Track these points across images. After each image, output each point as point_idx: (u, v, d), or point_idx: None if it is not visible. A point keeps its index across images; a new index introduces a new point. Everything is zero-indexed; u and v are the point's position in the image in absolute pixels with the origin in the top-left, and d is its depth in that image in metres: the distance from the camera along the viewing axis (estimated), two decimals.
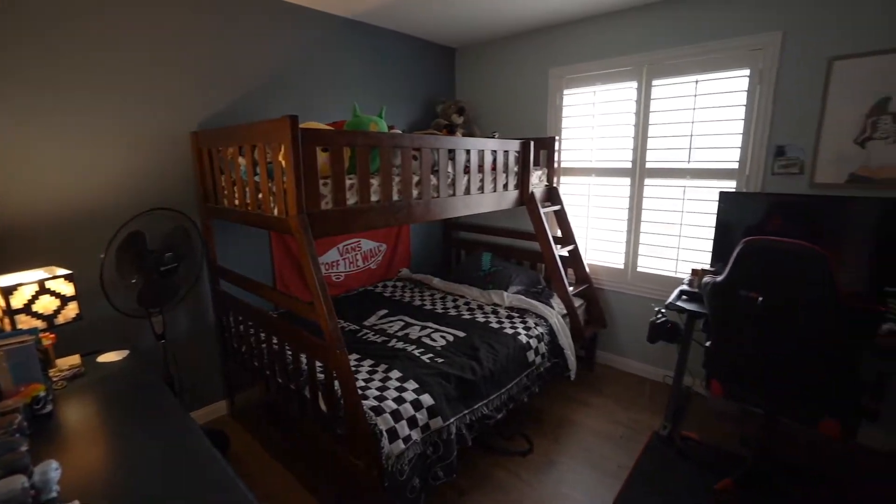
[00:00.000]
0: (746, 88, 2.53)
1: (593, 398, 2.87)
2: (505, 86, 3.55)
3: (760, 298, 1.64)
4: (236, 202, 2.09)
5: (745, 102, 2.54)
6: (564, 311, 2.87)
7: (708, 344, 1.96)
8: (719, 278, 1.77)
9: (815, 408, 1.71)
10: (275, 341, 2.12)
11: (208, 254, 2.45)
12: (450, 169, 2.38)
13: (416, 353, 2.24)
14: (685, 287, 2.50)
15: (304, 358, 2.04)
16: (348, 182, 1.90)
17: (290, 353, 2.06)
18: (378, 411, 1.74)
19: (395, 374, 2.00)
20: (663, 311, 2.39)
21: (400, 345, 2.35)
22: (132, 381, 1.63)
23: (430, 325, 2.63)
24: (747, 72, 2.51)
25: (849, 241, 2.14)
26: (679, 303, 2.31)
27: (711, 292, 1.81)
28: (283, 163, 1.68)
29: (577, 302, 3.01)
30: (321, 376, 1.88)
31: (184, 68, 2.30)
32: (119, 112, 2.13)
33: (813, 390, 1.69)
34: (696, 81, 2.67)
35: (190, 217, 2.32)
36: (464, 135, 3.30)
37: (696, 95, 2.68)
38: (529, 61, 3.37)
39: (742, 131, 2.56)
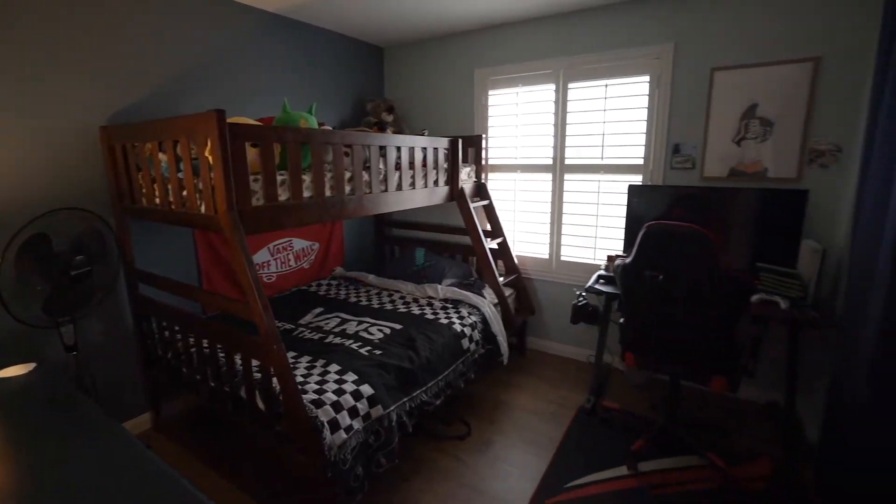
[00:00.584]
0: (647, 93, 2.83)
1: (525, 380, 3.06)
2: (433, 85, 3.65)
3: (661, 276, 1.87)
4: (157, 200, 2.00)
5: (646, 105, 2.84)
6: (496, 301, 3.03)
7: (621, 321, 2.20)
8: (627, 261, 2.00)
9: (707, 368, 1.98)
10: (205, 343, 2.05)
11: (124, 256, 2.30)
12: (381, 165, 2.43)
13: (354, 346, 2.27)
14: (602, 272, 2.75)
15: (238, 358, 1.99)
16: (279, 178, 1.89)
17: (222, 354, 2.00)
18: (318, 404, 1.76)
19: (334, 367, 2.02)
20: (583, 294, 2.62)
21: (337, 340, 2.37)
22: (43, 396, 1.51)
23: (367, 319, 2.67)
24: (647, 78, 2.82)
25: (732, 226, 2.50)
26: (597, 286, 2.54)
27: (622, 274, 2.03)
28: (211, 158, 1.64)
29: (508, 291, 3.19)
30: (258, 375, 1.86)
31: (89, 58, 2.14)
32: (15, 104, 1.93)
33: (704, 354, 1.97)
34: (606, 85, 2.94)
35: (102, 217, 2.16)
36: (394, 132, 3.36)
37: (606, 98, 2.95)
38: (455, 62, 3.50)
39: (645, 131, 2.87)
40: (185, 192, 1.84)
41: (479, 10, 2.92)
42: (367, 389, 1.91)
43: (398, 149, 2.51)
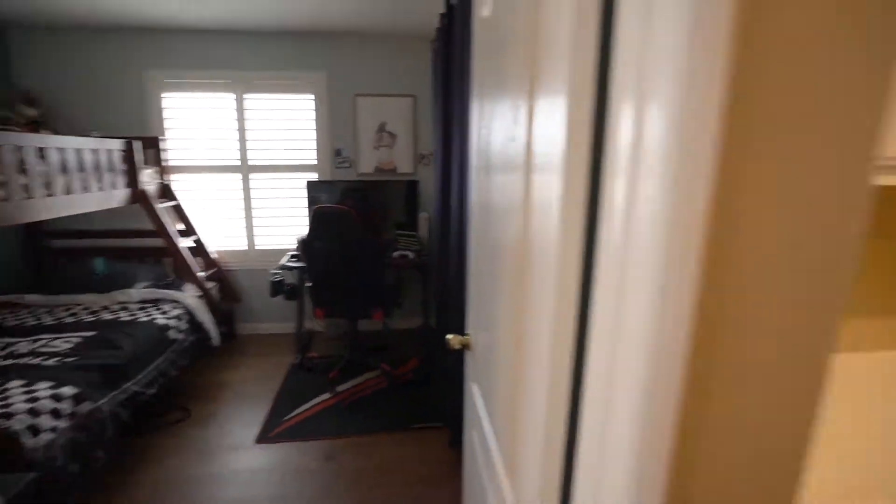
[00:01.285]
0: (314, 108, 3.57)
1: (240, 359, 3.40)
2: (96, 81, 3.36)
3: (325, 245, 2.63)
4: None
5: (314, 118, 3.59)
6: (199, 293, 3.23)
7: (309, 284, 2.88)
8: (304, 236, 2.68)
9: (369, 306, 2.90)
10: None
11: None
12: (43, 168, 2.29)
13: (35, 361, 2.15)
14: (294, 252, 3.37)
15: None
16: None
17: None
18: (8, 416, 1.71)
19: (16, 383, 1.92)
20: (278, 272, 3.18)
21: (8, 362, 2.15)
22: None
23: (43, 337, 2.45)
24: (312, 96, 3.55)
25: (383, 207, 3.53)
26: (288, 263, 3.15)
27: (301, 247, 2.70)
28: None
29: (210, 284, 3.42)
30: None
31: None
32: None
33: (364, 296, 2.86)
34: (280, 99, 3.52)
35: None
36: (52, 132, 3.00)
37: (282, 109, 3.54)
38: (120, 59, 3.35)
39: (315, 138, 3.61)
40: None
41: (134, 8, 2.92)
42: (68, 390, 1.93)
43: (60, 150, 2.40)
